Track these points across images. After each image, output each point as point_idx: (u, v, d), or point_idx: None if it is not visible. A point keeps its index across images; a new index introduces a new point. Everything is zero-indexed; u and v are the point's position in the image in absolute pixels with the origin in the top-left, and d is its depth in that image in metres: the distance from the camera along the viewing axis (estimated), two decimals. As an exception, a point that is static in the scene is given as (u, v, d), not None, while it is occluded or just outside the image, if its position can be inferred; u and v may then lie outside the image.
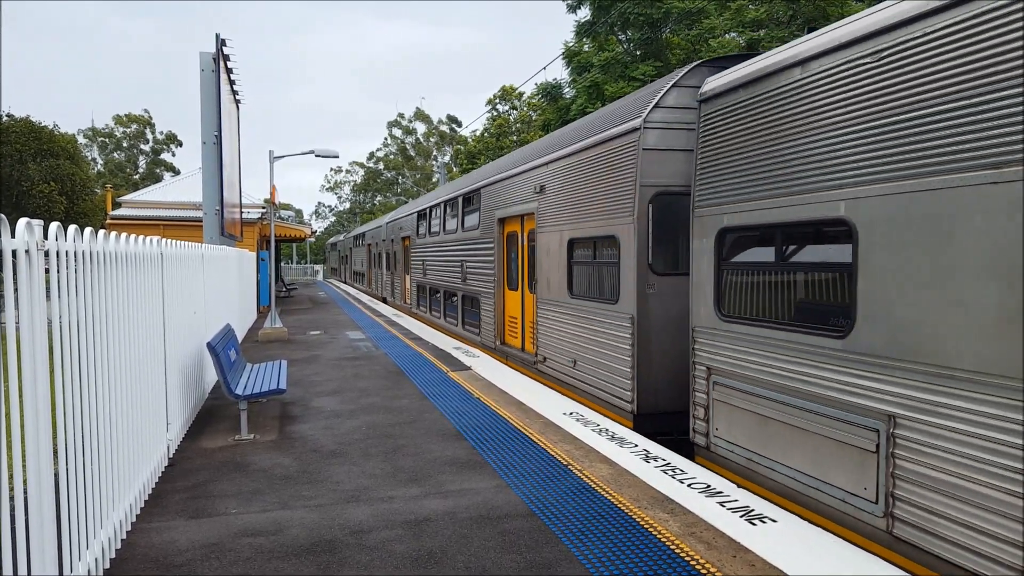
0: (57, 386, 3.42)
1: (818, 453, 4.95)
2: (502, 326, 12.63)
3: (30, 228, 3.16)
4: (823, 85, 5.00)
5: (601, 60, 23.55)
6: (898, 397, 4.29)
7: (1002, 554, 3.63)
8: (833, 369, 4.82)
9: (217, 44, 11.62)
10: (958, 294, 3.92)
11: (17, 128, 39.18)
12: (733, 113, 6.07)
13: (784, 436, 5.32)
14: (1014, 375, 3.56)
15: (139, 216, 23.39)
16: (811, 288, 5.25)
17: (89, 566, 3.72)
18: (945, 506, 3.98)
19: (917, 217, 4.19)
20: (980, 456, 3.78)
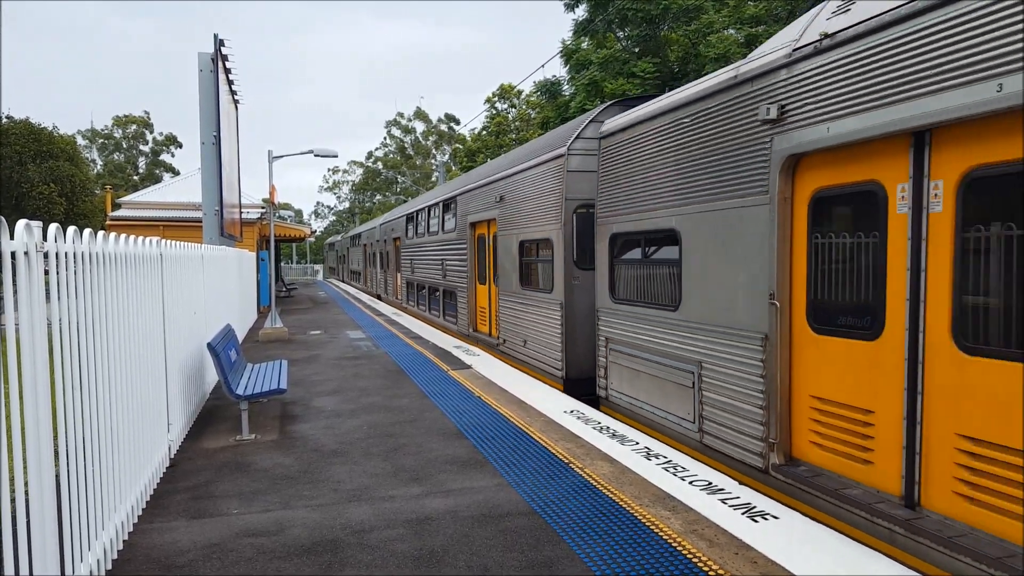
0: (57, 387, 3.42)
1: (665, 393, 7.06)
2: (474, 315, 14.42)
3: (29, 230, 3.15)
4: (660, 136, 7.07)
5: (600, 58, 23.52)
6: (704, 348, 6.34)
7: (752, 445, 5.68)
8: (671, 332, 6.94)
9: (216, 44, 11.61)
10: (733, 280, 5.92)
11: (17, 130, 39.15)
12: (618, 149, 8.02)
13: (647, 383, 7.43)
14: (760, 330, 5.59)
15: (139, 217, 23.39)
16: (660, 277, 7.29)
17: (91, 567, 3.72)
18: (726, 419, 6.02)
19: (711, 228, 6.22)
20: (741, 384, 5.81)
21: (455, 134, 76.73)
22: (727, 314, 6.01)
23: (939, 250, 4.23)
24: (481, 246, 13.98)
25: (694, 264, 6.48)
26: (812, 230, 5.22)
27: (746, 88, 5.76)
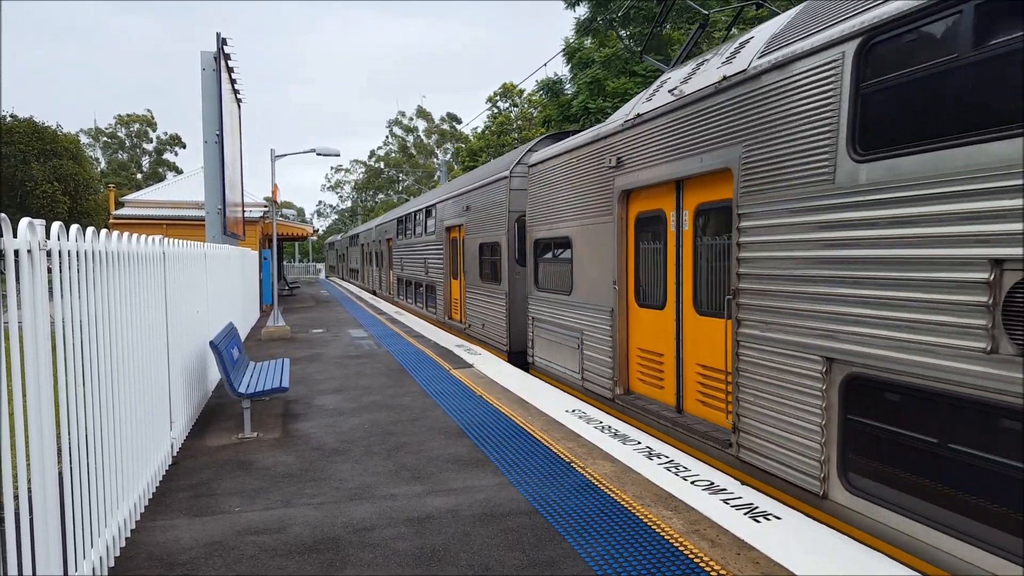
0: (60, 385, 3.43)
1: (564, 355, 9.59)
2: (448, 305, 17.15)
3: (32, 228, 3.16)
4: (562, 169, 9.57)
5: (602, 56, 23.50)
6: (584, 320, 8.88)
7: (606, 384, 8.28)
8: (568, 310, 9.44)
9: (218, 43, 11.62)
10: (599, 273, 8.48)
11: (21, 128, 39.26)
12: (539, 175, 10.50)
13: (556, 349, 9.89)
14: (610, 306, 8.18)
15: (142, 215, 23.45)
16: (562, 271, 9.70)
17: (94, 564, 3.73)
18: (594, 370, 8.64)
19: (587, 238, 8.82)
20: (601, 343, 8.43)
21: (457, 133, 76.73)
22: (595, 296, 8.64)
23: (687, 254, 6.90)
24: (454, 247, 16.50)
25: (579, 262, 9.14)
26: (636, 240, 7.85)
27: (603, 143, 8.33)
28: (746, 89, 5.64)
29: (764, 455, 5.42)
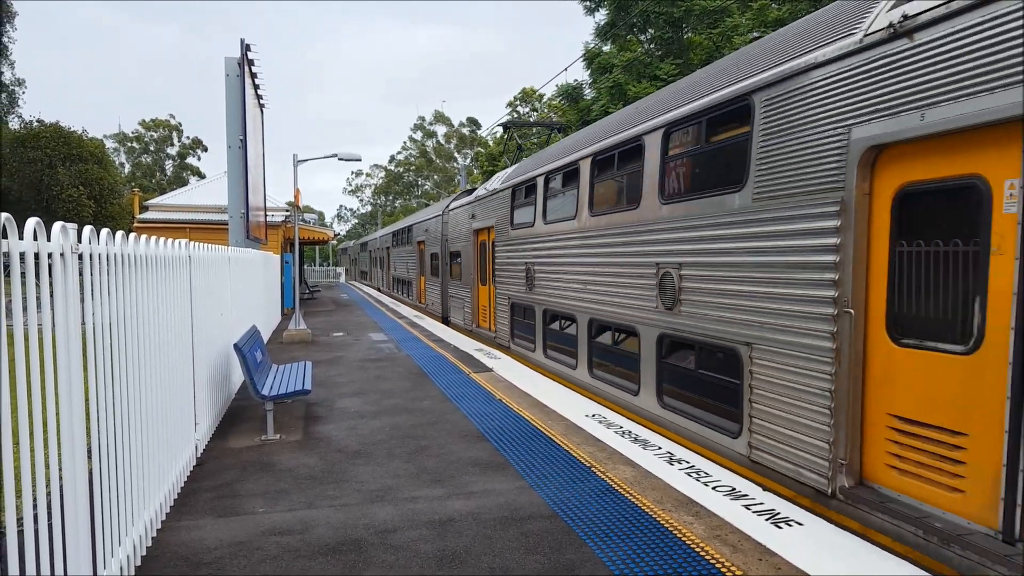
0: (90, 387, 3.49)
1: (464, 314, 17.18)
2: (419, 294, 25.54)
3: (65, 232, 3.23)
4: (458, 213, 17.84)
5: (623, 60, 23.48)
6: (463, 294, 17.16)
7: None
8: (462, 290, 17.55)
9: (242, 49, 11.76)
10: (468, 270, 16.86)
11: (47, 134, 39.96)
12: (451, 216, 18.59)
13: (461, 312, 17.68)
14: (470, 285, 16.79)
15: (165, 219, 23.74)
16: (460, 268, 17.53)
17: (121, 563, 3.79)
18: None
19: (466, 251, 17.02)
20: (462, 300, 17.43)
21: (477, 137, 76.92)
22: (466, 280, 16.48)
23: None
24: (422, 255, 24.68)
25: (465, 264, 16.80)
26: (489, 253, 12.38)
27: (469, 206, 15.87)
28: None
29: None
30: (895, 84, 4.52)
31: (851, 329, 4.88)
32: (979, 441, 4.07)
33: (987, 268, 4.02)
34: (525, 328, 12.51)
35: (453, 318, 18.50)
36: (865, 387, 4.91)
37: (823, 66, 5.15)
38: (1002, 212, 3.94)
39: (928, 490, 4.38)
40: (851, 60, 4.89)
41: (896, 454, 4.65)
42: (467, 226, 16.72)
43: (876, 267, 4.83)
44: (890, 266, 4.72)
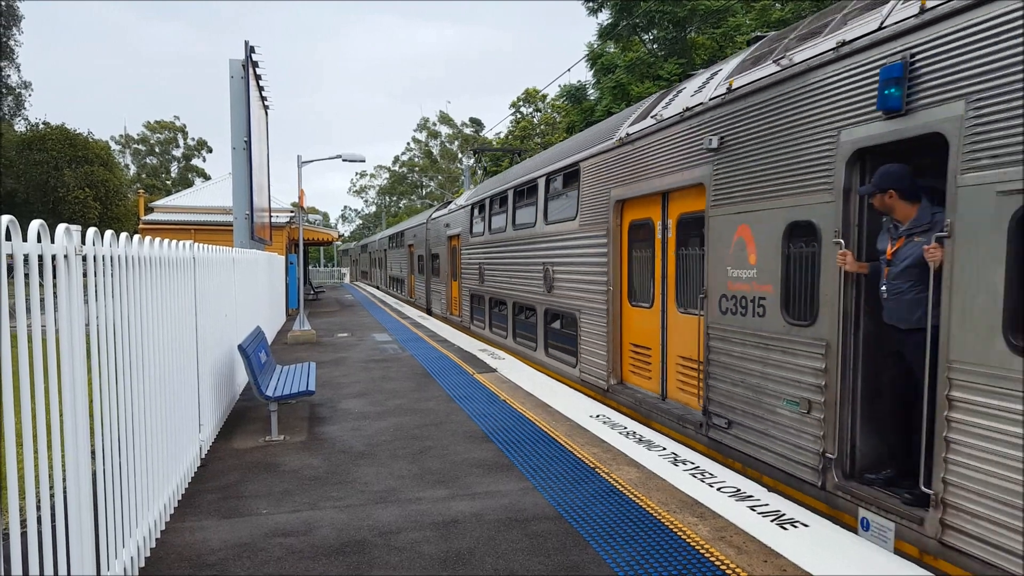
0: (94, 387, 3.49)
1: (435, 301, 22.45)
2: (411, 289, 29.38)
3: (69, 234, 3.23)
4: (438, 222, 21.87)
5: (626, 61, 23.47)
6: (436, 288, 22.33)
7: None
8: (441, 285, 21.38)
9: (246, 51, 11.79)
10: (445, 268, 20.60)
11: (53, 136, 40.11)
12: (432, 224, 22.83)
13: (436, 300, 22.29)
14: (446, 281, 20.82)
15: (170, 221, 23.80)
16: (438, 267, 21.49)
17: (125, 564, 3.79)
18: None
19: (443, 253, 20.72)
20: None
21: (480, 138, 76.96)
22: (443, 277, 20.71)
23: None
24: (411, 256, 28.72)
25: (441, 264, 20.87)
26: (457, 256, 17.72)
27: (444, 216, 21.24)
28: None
29: None
30: (626, 167, 8.61)
31: (612, 298, 9.09)
32: (654, 352, 8.26)
33: (656, 263, 8.11)
34: (479, 312, 16.64)
35: (434, 309, 23.06)
36: (621, 330, 9.09)
37: (601, 154, 9.36)
38: (669, 233, 7.84)
39: (645, 383, 8.52)
40: (611, 152, 9.04)
41: (633, 365, 8.83)
42: (444, 233, 20.54)
43: (622, 264, 8.98)
44: (627, 263, 8.89)
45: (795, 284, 5.65)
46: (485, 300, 15.82)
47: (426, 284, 24.36)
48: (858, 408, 5.11)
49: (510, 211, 13.51)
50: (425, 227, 23.94)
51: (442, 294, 21.24)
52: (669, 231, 7.83)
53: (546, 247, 11.42)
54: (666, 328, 7.94)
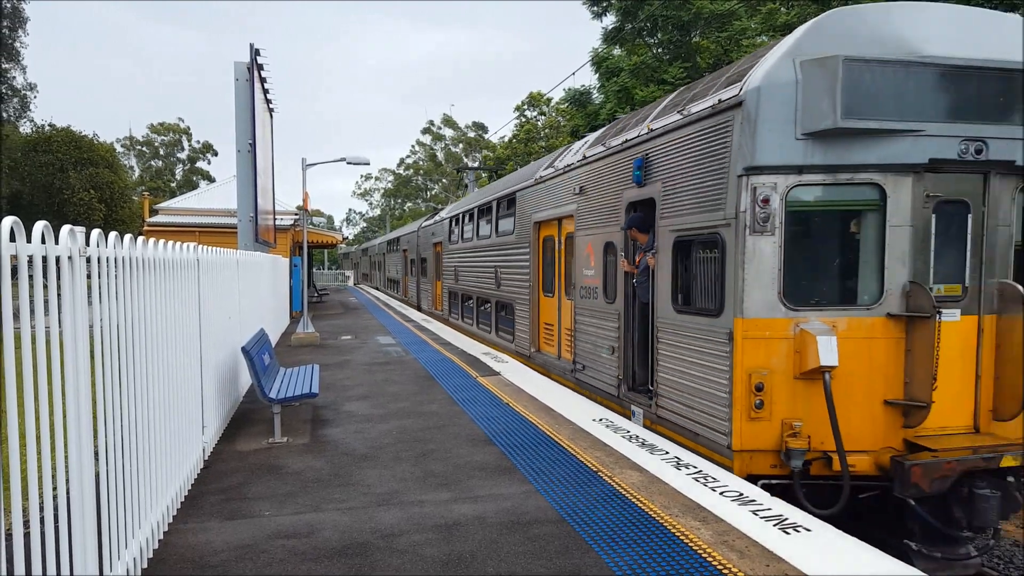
0: (97, 389, 3.50)
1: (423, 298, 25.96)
2: (404, 290, 32.31)
3: (73, 235, 3.25)
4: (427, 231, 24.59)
5: (631, 64, 23.46)
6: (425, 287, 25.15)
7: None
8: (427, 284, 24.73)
9: (251, 53, 11.82)
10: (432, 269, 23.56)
11: (58, 138, 40.23)
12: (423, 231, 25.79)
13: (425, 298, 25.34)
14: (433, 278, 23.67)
15: (175, 223, 23.85)
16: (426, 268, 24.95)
17: (128, 565, 3.80)
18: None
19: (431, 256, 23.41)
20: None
21: (483, 141, 77.06)
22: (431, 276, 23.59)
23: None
24: (406, 260, 31.81)
25: (429, 264, 23.86)
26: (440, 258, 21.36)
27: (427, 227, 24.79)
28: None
29: None
30: (540, 199, 11.77)
31: (532, 291, 12.22)
32: (554, 328, 11.17)
33: (556, 266, 11.15)
34: (455, 306, 19.66)
35: (423, 305, 25.97)
36: (538, 313, 12.18)
37: (527, 188, 12.60)
38: (561, 246, 10.86)
39: (550, 349, 11.49)
40: (532, 188, 12.30)
41: (544, 337, 11.89)
42: (430, 240, 23.61)
43: (538, 267, 12.06)
44: (541, 266, 11.94)
45: (608, 279, 9.05)
46: (459, 296, 18.99)
47: (417, 284, 27.67)
48: (632, 351, 8.46)
49: (475, 225, 16.96)
50: (416, 235, 27.27)
51: (429, 292, 24.39)
52: (561, 244, 11.00)
53: (497, 254, 14.76)
54: (560, 310, 11.10)
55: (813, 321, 5.97)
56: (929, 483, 5.53)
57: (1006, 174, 6.09)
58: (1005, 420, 6.05)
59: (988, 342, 6.13)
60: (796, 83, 5.88)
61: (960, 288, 6.16)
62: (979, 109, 6.00)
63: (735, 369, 6.06)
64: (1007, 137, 6.02)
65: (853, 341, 5.94)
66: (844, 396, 5.86)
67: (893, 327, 5.97)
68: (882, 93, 5.85)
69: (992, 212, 6.11)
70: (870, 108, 5.81)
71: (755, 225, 5.99)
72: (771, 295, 6.00)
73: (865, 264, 6.19)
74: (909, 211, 5.95)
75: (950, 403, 6.06)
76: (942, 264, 6.14)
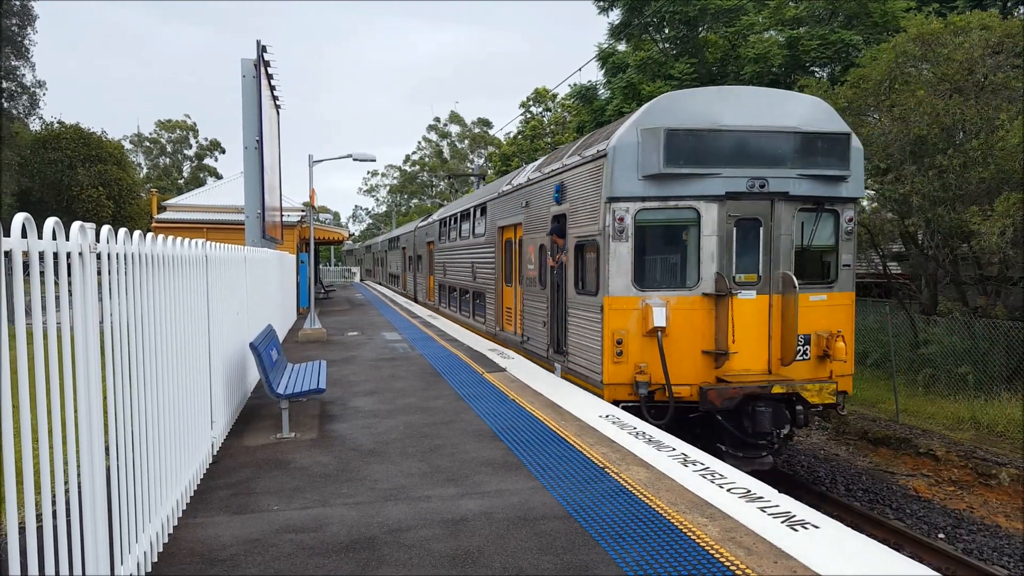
0: (108, 385, 3.52)
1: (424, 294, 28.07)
2: (404, 281, 34.92)
3: (83, 231, 3.26)
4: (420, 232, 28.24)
5: (637, 60, 23.37)
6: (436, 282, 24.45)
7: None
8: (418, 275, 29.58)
9: (258, 51, 11.84)
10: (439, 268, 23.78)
11: (67, 135, 40.45)
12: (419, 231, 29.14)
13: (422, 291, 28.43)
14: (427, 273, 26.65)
15: (183, 219, 23.94)
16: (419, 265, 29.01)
17: (138, 559, 3.83)
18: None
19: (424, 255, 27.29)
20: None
21: (489, 137, 77.01)
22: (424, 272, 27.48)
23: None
24: (404, 257, 34.61)
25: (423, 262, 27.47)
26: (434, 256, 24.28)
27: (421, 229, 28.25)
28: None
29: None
30: (502, 209, 14.78)
31: (497, 282, 15.10)
32: (513, 310, 13.99)
33: (513, 262, 14.02)
34: (443, 296, 22.77)
35: (419, 297, 28.94)
36: (502, 299, 14.89)
37: (493, 199, 15.67)
38: (516, 247, 13.74)
39: (509, 327, 14.22)
40: (496, 200, 15.35)
41: (505, 319, 14.68)
42: (424, 239, 26.85)
43: (502, 263, 14.83)
44: (504, 263, 14.71)
45: (542, 272, 11.74)
46: (447, 288, 22.12)
47: (414, 278, 31.01)
48: (555, 323, 11.04)
49: (458, 227, 19.94)
50: (413, 234, 30.86)
51: (423, 285, 27.75)
52: (516, 245, 13.71)
53: (473, 252, 17.72)
54: (516, 297, 13.75)
55: (653, 298, 8.87)
56: (721, 401, 8.30)
57: (787, 200, 8.93)
58: (787, 365, 8.88)
59: (776, 313, 8.96)
60: (637, 143, 8.74)
61: (755, 276, 9.00)
62: (760, 158, 8.81)
63: (604, 330, 9.00)
64: (781, 176, 8.84)
65: (680, 311, 8.88)
66: (675, 348, 8.79)
67: (707, 302, 8.88)
68: (691, 149, 8.67)
69: (777, 226, 8.94)
70: (683, 160, 8.65)
71: (615, 235, 8.92)
72: (627, 281, 8.93)
73: (688, 260, 9.10)
74: (716, 225, 8.84)
75: (751, 354, 8.92)
76: (742, 261, 8.96)
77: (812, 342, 9.07)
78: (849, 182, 9.18)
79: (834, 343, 8.98)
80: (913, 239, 16.43)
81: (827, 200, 9.19)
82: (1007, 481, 10.20)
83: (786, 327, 8.84)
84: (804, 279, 9.02)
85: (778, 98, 9.38)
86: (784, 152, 8.86)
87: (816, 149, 8.97)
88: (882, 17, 20.64)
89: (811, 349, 9.07)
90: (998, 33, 14.01)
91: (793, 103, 9.26)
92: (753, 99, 9.21)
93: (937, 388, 14.19)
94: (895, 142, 14.36)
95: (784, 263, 8.94)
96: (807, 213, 9.19)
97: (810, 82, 17.82)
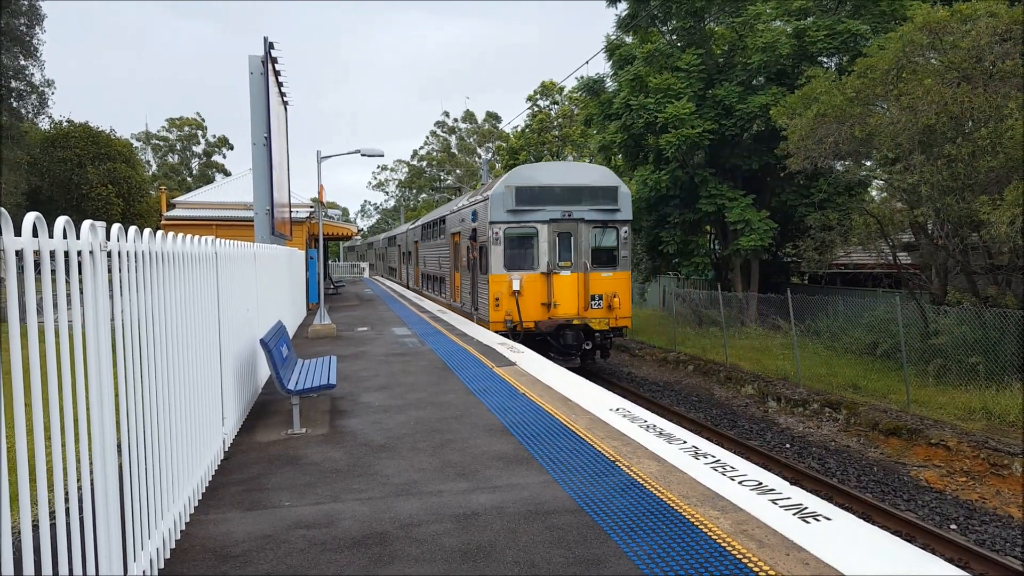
0: (120, 382, 3.53)
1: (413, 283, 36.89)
2: (400, 275, 43.19)
3: (94, 230, 3.27)
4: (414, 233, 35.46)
5: (644, 52, 23.24)
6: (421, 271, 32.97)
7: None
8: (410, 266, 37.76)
9: (265, 47, 11.84)
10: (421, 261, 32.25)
11: (76, 133, 40.62)
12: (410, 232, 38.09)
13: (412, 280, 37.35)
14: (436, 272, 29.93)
15: (192, 217, 24.05)
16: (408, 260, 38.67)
17: (151, 556, 3.85)
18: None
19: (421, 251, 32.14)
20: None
21: (497, 131, 76.90)
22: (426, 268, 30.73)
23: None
24: (400, 252, 42.16)
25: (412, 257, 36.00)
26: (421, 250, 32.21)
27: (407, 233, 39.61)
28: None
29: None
30: (454, 221, 22.79)
31: (451, 270, 23.12)
32: (459, 288, 21.63)
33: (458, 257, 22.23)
34: (424, 282, 29.89)
35: (410, 284, 35.14)
36: (455, 282, 22.49)
37: (449, 214, 23.71)
38: (460, 247, 22.12)
39: (458, 300, 21.85)
40: (450, 214, 23.54)
41: (454, 294, 22.74)
42: (411, 238, 34.56)
43: (453, 257, 22.70)
44: (455, 257, 22.37)
45: (468, 262, 19.38)
46: (426, 276, 29.53)
47: (406, 270, 39.15)
48: (472, 291, 19.08)
49: (432, 231, 27.18)
50: (406, 234, 38.62)
51: (412, 275, 35.44)
52: (460, 246, 19.66)
53: (439, 250, 25.02)
54: (461, 279, 20.20)
55: (515, 275, 16.84)
56: (547, 328, 16.78)
57: (584, 223, 17.20)
58: (585, 311, 17.06)
59: (580, 283, 17.15)
60: (503, 193, 16.94)
61: (569, 263, 17.11)
62: (570, 200, 17.14)
63: (490, 294, 16.98)
64: (581, 209, 17.16)
65: (529, 282, 16.94)
66: (526, 302, 16.85)
67: (543, 277, 17.03)
68: (531, 196, 17.06)
69: (582, 237, 17.16)
70: (526, 202, 17.01)
71: (495, 241, 16.97)
72: (502, 266, 16.93)
73: (533, 255, 17.11)
74: (547, 236, 17.01)
75: (566, 305, 17.09)
76: (562, 255, 17.15)
77: (604, 300, 17.20)
78: (620, 212, 17.42)
79: (613, 300, 17.22)
80: (923, 229, 16.33)
81: (608, 222, 17.44)
82: (1020, 471, 10.14)
83: (585, 290, 17.13)
84: (597, 264, 17.31)
85: (581, 168, 18.75)
86: (583, 197, 17.18)
87: (599, 195, 17.29)
88: (889, 6, 20.43)
89: (602, 302, 17.19)
90: (1005, 20, 13.83)
91: (588, 171, 18.15)
92: (567, 169, 18.20)
93: (948, 378, 14.12)
94: (903, 131, 14.24)
95: (585, 256, 17.16)
96: (597, 229, 17.40)
97: (817, 73, 17.68)
